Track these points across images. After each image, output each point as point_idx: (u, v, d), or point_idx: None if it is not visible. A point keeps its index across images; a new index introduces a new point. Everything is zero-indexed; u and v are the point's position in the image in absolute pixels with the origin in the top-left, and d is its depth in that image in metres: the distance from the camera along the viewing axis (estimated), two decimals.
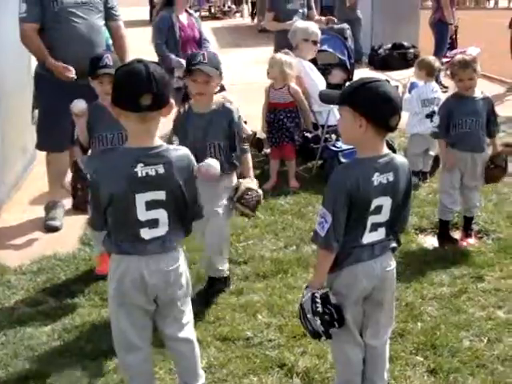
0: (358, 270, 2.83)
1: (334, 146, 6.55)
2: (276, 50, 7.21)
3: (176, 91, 6.40)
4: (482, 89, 5.03)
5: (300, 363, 3.52)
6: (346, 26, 7.82)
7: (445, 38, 11.20)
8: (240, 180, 4.21)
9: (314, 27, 6.80)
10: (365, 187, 2.72)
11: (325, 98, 3.00)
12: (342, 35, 7.42)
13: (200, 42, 6.89)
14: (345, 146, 6.19)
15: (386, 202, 2.79)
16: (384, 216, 2.82)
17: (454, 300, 4.18)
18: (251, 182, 4.20)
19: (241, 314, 4.05)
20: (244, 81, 10.70)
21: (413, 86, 6.45)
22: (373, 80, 2.74)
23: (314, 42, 6.73)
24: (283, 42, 7.10)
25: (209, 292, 4.28)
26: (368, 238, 2.82)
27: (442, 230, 5.13)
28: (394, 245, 2.95)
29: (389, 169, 2.76)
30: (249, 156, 4.33)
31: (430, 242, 5.15)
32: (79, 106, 4.33)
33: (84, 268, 4.72)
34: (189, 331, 3.02)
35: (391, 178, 2.77)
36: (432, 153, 6.40)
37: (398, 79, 10.16)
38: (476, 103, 4.86)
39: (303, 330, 2.97)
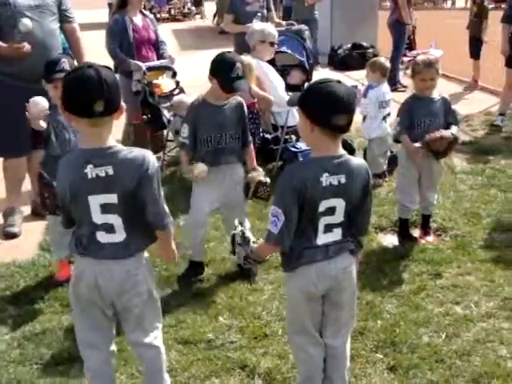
0: (311, 271, 2.84)
1: (294, 146, 6.58)
2: (236, 52, 7.20)
3: (134, 94, 6.36)
4: (440, 88, 5.08)
5: (262, 364, 3.54)
6: (304, 27, 7.87)
7: (403, 38, 11.33)
8: (249, 175, 4.36)
9: (270, 29, 6.80)
10: (313, 187, 2.71)
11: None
12: (300, 36, 7.46)
13: (156, 44, 6.79)
14: (304, 147, 6.22)
15: (338, 204, 2.79)
16: (338, 217, 2.82)
17: (413, 297, 4.24)
18: (259, 175, 4.35)
19: (202, 316, 4.05)
20: (204, 82, 10.63)
21: (368, 88, 6.44)
22: (323, 81, 2.74)
23: (271, 44, 6.73)
24: (242, 44, 7.09)
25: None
26: (322, 239, 2.83)
27: (402, 228, 5.19)
28: (352, 247, 2.94)
29: (341, 170, 2.75)
30: (252, 148, 4.52)
31: (390, 240, 5.20)
32: (40, 105, 4.24)
33: (43, 274, 4.67)
34: (154, 337, 2.99)
35: (343, 180, 2.75)
36: (389, 153, 6.47)
37: (357, 79, 10.28)
38: (433, 104, 4.90)
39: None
